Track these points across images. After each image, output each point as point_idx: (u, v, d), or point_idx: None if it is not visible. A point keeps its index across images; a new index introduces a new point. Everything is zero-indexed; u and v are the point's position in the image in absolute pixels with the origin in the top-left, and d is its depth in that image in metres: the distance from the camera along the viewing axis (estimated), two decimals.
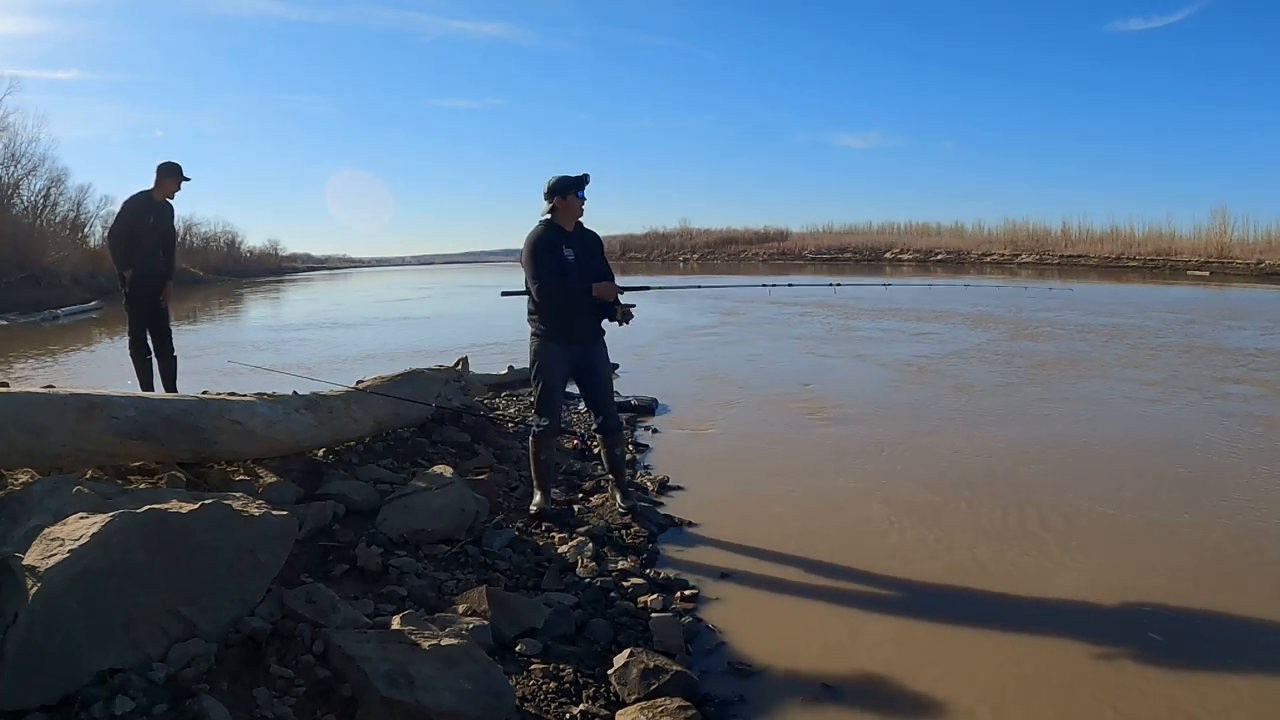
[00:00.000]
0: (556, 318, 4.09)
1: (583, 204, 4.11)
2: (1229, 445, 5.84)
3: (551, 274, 4.02)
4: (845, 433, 6.42)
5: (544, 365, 4.14)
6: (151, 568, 2.21)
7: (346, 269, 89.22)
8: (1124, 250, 35.64)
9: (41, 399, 3.20)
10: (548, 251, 4.05)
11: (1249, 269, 29.82)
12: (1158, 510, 4.48)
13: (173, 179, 5.99)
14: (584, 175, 4.09)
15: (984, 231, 43.36)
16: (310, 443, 4.20)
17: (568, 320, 4.10)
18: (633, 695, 2.60)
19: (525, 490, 4.52)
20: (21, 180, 29.84)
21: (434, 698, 2.20)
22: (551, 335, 4.12)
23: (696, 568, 3.80)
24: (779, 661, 2.95)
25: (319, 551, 3.33)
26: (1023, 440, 6.05)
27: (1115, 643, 3.03)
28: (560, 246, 4.07)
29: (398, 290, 32.19)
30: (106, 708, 1.95)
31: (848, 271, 36.07)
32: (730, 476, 5.31)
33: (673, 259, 51.39)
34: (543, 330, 4.13)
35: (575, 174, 4.09)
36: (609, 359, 4.36)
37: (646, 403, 7.30)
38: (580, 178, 4.08)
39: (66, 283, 25.35)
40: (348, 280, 50.23)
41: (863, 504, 4.68)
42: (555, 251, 4.05)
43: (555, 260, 4.04)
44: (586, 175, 4.09)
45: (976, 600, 3.45)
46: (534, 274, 4.03)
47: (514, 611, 2.97)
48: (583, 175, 4.09)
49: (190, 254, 41.21)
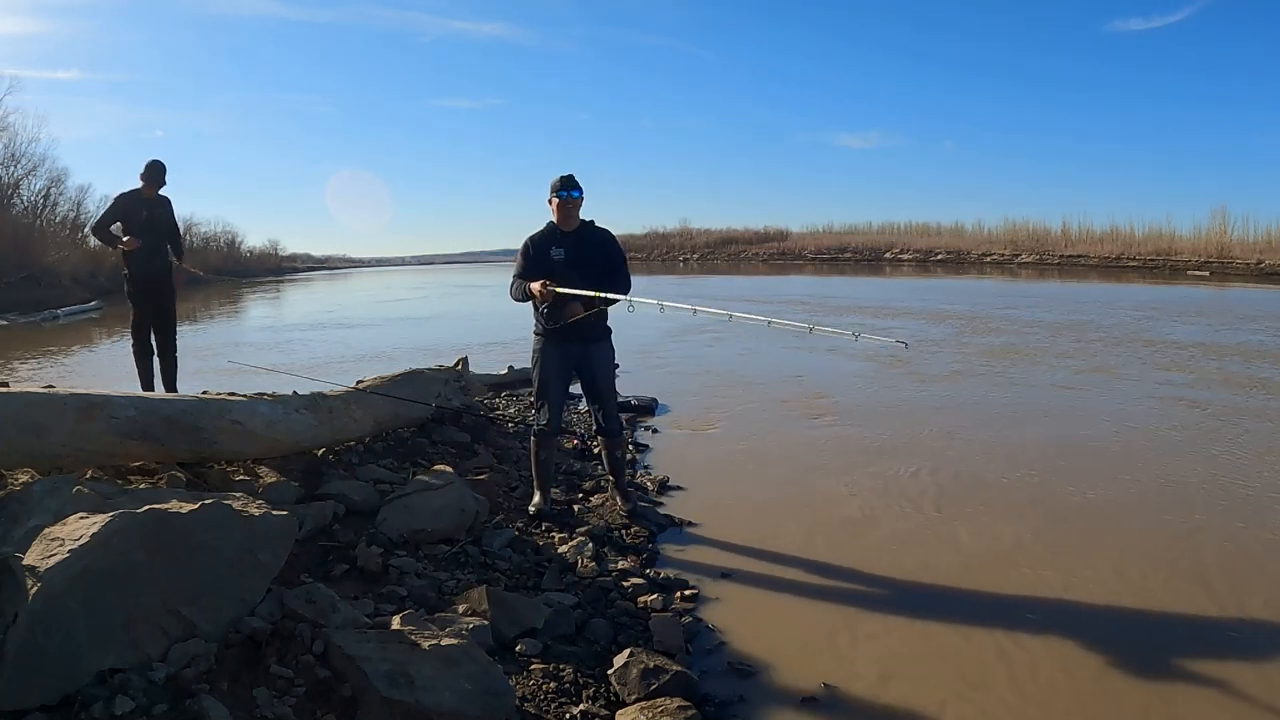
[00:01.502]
0: (546, 317, 4.11)
1: (570, 204, 4.09)
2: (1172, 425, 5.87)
3: (519, 275, 4.14)
4: (845, 432, 6.42)
5: (541, 364, 4.19)
6: (151, 568, 2.21)
7: (346, 269, 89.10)
8: (1124, 250, 35.62)
9: (41, 399, 3.20)
10: (533, 251, 4.15)
11: (1249, 269, 29.79)
12: (1157, 509, 4.48)
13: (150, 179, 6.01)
14: (564, 177, 4.08)
15: (984, 231, 43.33)
16: (310, 443, 4.20)
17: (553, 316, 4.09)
18: (633, 695, 2.61)
19: (525, 490, 4.52)
20: (21, 180, 29.81)
21: (434, 698, 2.20)
22: (550, 335, 4.14)
23: (696, 568, 3.80)
24: (779, 661, 2.95)
25: (319, 551, 3.33)
26: (1021, 439, 6.05)
27: (1114, 641, 3.03)
28: (550, 247, 4.13)
29: (398, 290, 32.16)
30: (106, 708, 1.95)
31: (848, 272, 36.05)
32: (730, 476, 5.31)
33: (673, 259, 51.36)
34: (541, 331, 4.16)
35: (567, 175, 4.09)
36: (612, 359, 4.32)
37: (646, 403, 7.30)
38: (561, 180, 4.07)
39: (66, 283, 25.32)
40: (348, 280, 50.17)
41: (862, 503, 4.68)
42: (543, 252, 4.13)
43: (540, 260, 4.12)
44: (566, 177, 4.09)
45: (976, 600, 3.45)
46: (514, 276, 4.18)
47: (514, 611, 2.97)
48: (562, 178, 4.08)
49: (190, 254, 40.82)
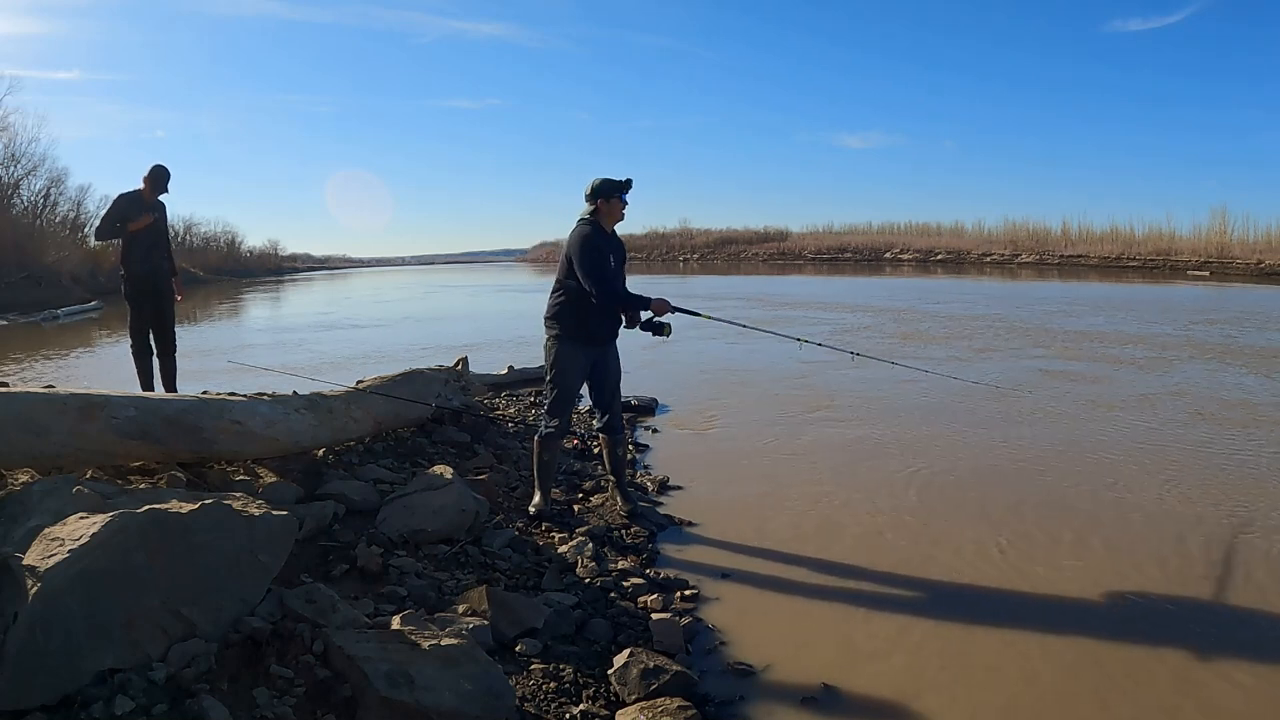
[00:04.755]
0: (588, 320, 4.02)
1: (624, 208, 4.07)
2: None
3: (609, 279, 3.96)
4: (844, 432, 6.42)
5: (564, 368, 4.08)
6: (151, 568, 2.21)
7: (346, 269, 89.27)
8: (1124, 250, 35.67)
9: (41, 399, 3.20)
10: (603, 255, 3.99)
11: (1249, 269, 29.81)
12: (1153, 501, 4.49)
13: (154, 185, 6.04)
14: (628, 180, 4.05)
15: (984, 231, 43.51)
16: (310, 443, 4.20)
17: (598, 323, 4.05)
18: (633, 695, 2.61)
19: (525, 490, 4.52)
20: (21, 180, 29.87)
21: (434, 698, 2.20)
22: (574, 336, 4.04)
23: (696, 568, 3.80)
24: (779, 661, 2.95)
25: (319, 551, 3.33)
26: (1020, 438, 6.05)
27: (1112, 641, 3.04)
28: (606, 252, 4.01)
29: (398, 290, 32.18)
30: (106, 708, 1.95)
31: (848, 272, 36.08)
32: (731, 476, 5.31)
33: (673, 259, 51.39)
34: (566, 331, 4.05)
35: (620, 178, 4.04)
36: (619, 360, 4.32)
37: (646, 403, 7.30)
38: (625, 182, 4.04)
39: (66, 283, 25.35)
40: (348, 280, 50.22)
41: (862, 503, 4.68)
42: (603, 254, 3.99)
43: (607, 264, 3.99)
44: (630, 180, 4.05)
45: (978, 600, 3.45)
46: (591, 274, 3.92)
47: (514, 611, 2.97)
48: (627, 180, 4.05)
49: (190, 254, 41.28)
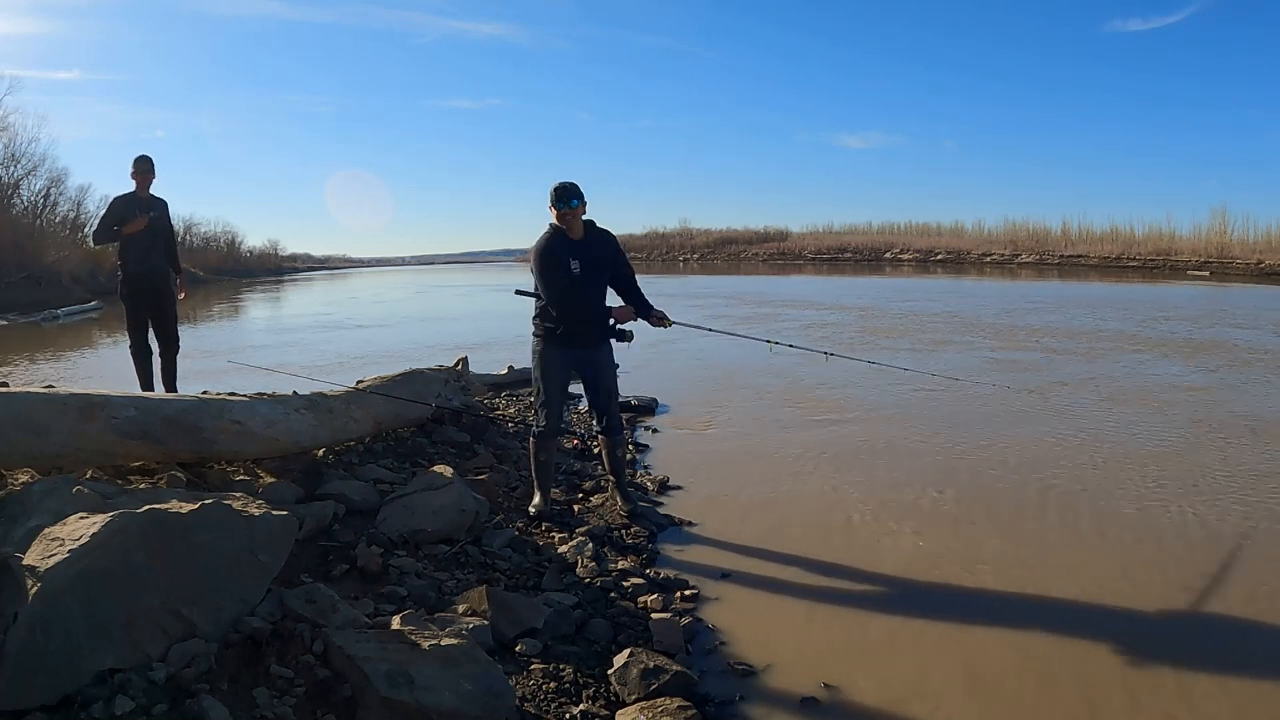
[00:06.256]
0: (562, 324, 4.06)
1: (570, 215, 3.97)
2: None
3: (565, 290, 3.97)
4: (845, 431, 6.41)
5: (544, 369, 4.15)
6: (151, 568, 2.21)
7: (346, 269, 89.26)
8: (1124, 250, 35.65)
9: (41, 399, 3.20)
10: (555, 263, 3.97)
11: (1249, 269, 29.80)
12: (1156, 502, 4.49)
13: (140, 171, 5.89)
14: (560, 187, 3.94)
15: (984, 231, 43.46)
16: (310, 443, 4.20)
17: (570, 325, 4.07)
18: (633, 695, 2.61)
19: (525, 490, 4.52)
20: (21, 180, 29.91)
21: (434, 698, 2.20)
22: (552, 338, 4.11)
23: (696, 568, 3.80)
24: (779, 661, 2.95)
25: (319, 551, 3.33)
26: (1018, 438, 6.05)
27: (1119, 643, 3.03)
28: (567, 259, 3.98)
29: (398, 290, 32.18)
30: (106, 708, 1.95)
31: (848, 272, 36.06)
32: (730, 476, 5.31)
33: (672, 259, 51.38)
34: (544, 333, 4.13)
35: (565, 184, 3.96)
36: (613, 361, 4.34)
37: (646, 403, 7.30)
38: (556, 190, 3.94)
39: (66, 283, 25.37)
40: (348, 280, 50.21)
41: (862, 503, 4.68)
42: (562, 263, 3.98)
43: (563, 272, 3.98)
44: (560, 190, 3.93)
45: (978, 600, 3.45)
46: (546, 289, 3.98)
47: (514, 611, 2.97)
48: (559, 187, 3.94)
49: (190, 254, 41.24)
